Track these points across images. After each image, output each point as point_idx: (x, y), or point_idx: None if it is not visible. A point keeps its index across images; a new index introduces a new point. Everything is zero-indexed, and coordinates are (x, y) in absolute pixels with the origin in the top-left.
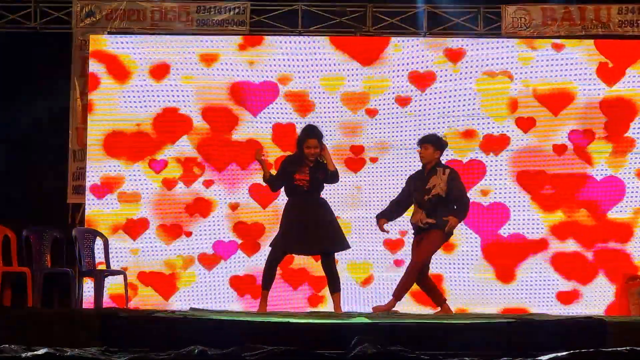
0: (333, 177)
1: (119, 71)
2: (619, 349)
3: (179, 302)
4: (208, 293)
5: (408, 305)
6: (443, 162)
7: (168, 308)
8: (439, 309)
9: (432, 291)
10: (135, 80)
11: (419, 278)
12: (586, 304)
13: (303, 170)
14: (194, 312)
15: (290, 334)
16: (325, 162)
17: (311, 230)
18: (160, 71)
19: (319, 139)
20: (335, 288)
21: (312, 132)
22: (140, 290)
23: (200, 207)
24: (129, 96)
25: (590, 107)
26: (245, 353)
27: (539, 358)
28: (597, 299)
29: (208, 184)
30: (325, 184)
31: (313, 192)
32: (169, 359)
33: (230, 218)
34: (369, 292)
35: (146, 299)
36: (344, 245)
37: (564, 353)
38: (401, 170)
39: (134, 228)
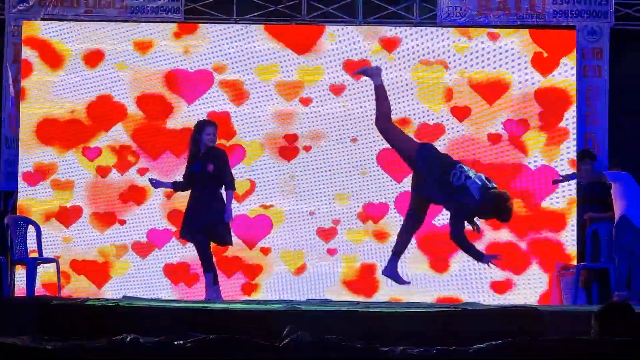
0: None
1: (53, 58)
2: (554, 337)
3: (112, 291)
4: (142, 281)
5: (341, 294)
6: (377, 151)
7: (101, 296)
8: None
9: None
10: (68, 67)
11: None
12: (519, 294)
13: (196, 161)
14: (127, 300)
15: (223, 322)
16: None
17: (203, 218)
18: (94, 58)
19: (216, 128)
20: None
21: (209, 121)
22: (73, 278)
23: (135, 195)
24: (62, 83)
25: (525, 97)
26: (178, 341)
27: (475, 346)
28: (530, 288)
29: (142, 171)
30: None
31: (206, 180)
32: (100, 347)
33: (165, 206)
34: (302, 280)
35: (79, 288)
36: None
37: (500, 342)
38: (335, 159)
39: (67, 216)
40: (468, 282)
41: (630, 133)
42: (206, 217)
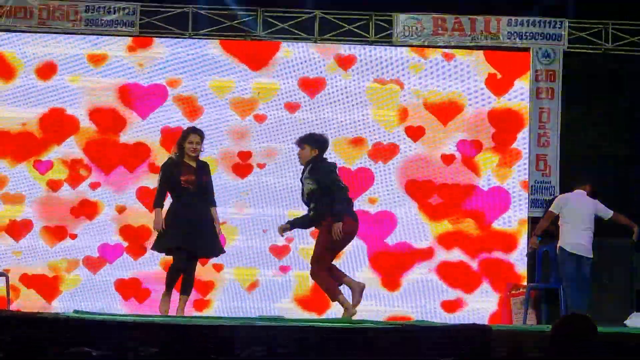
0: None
1: (5, 70)
2: (503, 355)
3: (63, 305)
4: (93, 296)
5: (293, 311)
6: None
7: (51, 311)
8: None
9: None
10: (21, 79)
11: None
12: (470, 313)
13: (188, 171)
14: (78, 314)
15: (177, 336)
16: (204, 164)
17: (198, 231)
18: (47, 70)
19: (202, 137)
20: (185, 291)
21: (196, 129)
22: (23, 292)
23: (86, 210)
24: (14, 95)
25: (478, 118)
26: (130, 354)
27: None
28: (480, 307)
29: (94, 186)
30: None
31: (200, 193)
32: None
33: (117, 221)
34: (255, 297)
35: (28, 302)
36: (218, 251)
37: (449, 359)
38: (288, 176)
39: (17, 229)
40: (419, 301)
41: (580, 155)
42: (206, 228)
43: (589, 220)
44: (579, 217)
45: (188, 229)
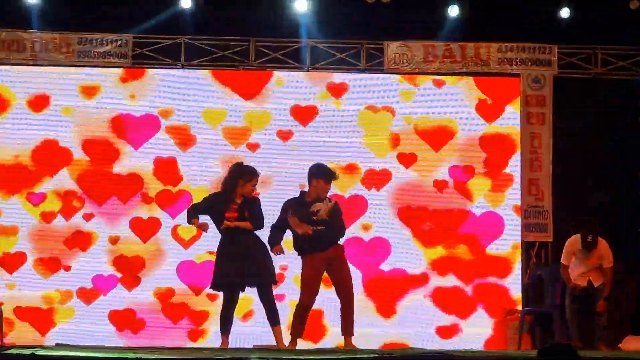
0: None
1: None
2: None
3: (57, 338)
4: (87, 328)
5: (287, 340)
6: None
7: (45, 344)
8: None
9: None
10: (13, 112)
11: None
12: (465, 338)
13: (232, 207)
14: (59, 348)
15: None
16: (253, 199)
17: (245, 263)
18: (39, 102)
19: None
20: (274, 321)
21: (257, 172)
22: (17, 325)
23: (80, 241)
24: (6, 128)
25: (470, 143)
26: None
27: None
28: (476, 333)
29: (88, 217)
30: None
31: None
32: None
33: (111, 252)
34: (249, 326)
35: (23, 335)
36: (274, 278)
37: None
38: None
39: (10, 262)
40: (414, 327)
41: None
42: (253, 259)
43: None
44: None
45: (234, 263)
